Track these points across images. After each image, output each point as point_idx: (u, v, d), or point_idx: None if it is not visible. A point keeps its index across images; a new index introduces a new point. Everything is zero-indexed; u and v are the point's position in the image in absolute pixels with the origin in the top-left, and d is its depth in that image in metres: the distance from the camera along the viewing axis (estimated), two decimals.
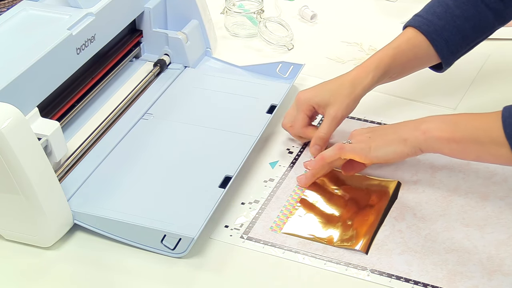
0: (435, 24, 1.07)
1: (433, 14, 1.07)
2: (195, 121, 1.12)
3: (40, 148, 0.90)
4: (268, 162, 1.08)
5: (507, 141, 0.89)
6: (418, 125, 0.96)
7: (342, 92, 1.06)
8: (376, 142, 0.98)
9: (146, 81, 1.20)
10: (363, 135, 1.00)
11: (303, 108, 1.08)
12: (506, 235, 0.95)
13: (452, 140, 0.93)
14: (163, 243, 0.93)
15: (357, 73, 1.07)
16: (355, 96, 1.06)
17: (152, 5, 1.24)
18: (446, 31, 1.06)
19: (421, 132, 0.95)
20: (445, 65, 1.10)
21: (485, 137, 0.91)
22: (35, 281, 0.91)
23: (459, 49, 1.08)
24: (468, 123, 0.93)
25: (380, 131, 1.00)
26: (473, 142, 0.92)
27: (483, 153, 0.93)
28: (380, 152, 0.98)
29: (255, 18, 1.39)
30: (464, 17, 1.07)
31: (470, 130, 0.92)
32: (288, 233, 0.96)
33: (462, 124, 0.93)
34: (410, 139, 0.95)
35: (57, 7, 1.09)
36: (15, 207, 0.91)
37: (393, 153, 0.97)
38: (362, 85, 1.06)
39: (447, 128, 0.93)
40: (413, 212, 0.99)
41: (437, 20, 1.07)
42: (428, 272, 0.90)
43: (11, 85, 0.94)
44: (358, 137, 1.00)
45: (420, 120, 0.97)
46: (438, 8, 1.08)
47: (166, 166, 1.04)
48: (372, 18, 1.46)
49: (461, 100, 1.21)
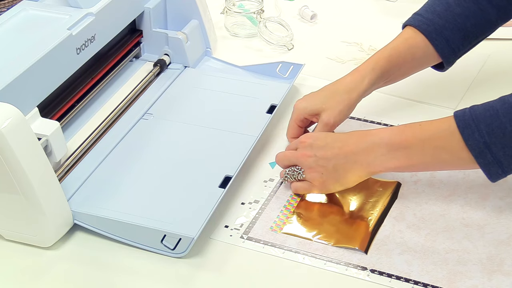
0: (435, 23, 1.06)
1: (433, 12, 1.06)
2: (195, 121, 1.12)
3: (40, 148, 0.90)
4: (268, 162, 1.08)
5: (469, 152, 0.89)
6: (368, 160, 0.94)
7: (335, 98, 1.05)
8: (329, 178, 0.97)
9: (146, 81, 1.20)
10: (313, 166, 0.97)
11: (294, 118, 1.08)
12: (506, 235, 0.95)
13: (411, 165, 0.93)
14: (163, 243, 0.93)
15: (352, 79, 1.06)
16: (349, 102, 1.05)
17: (152, 5, 1.24)
18: (446, 30, 1.05)
19: (377, 169, 0.94)
20: (447, 64, 1.09)
21: (447, 156, 0.91)
22: (35, 281, 0.91)
23: (460, 47, 1.07)
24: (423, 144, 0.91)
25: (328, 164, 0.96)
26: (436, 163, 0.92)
27: (450, 167, 0.94)
28: (337, 189, 0.98)
29: (255, 18, 1.39)
30: (465, 15, 1.06)
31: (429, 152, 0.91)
32: (288, 233, 0.96)
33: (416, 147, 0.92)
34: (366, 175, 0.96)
35: (57, 7, 1.09)
36: (15, 207, 0.91)
37: (352, 182, 0.97)
38: (357, 91, 1.05)
39: (402, 156, 0.92)
40: (413, 212, 0.99)
41: (437, 19, 1.06)
42: (428, 272, 0.90)
43: (11, 85, 0.94)
44: (309, 170, 0.98)
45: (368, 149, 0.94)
46: (438, 7, 1.06)
47: (166, 166, 1.04)
48: (372, 18, 1.46)
49: (461, 100, 1.21)
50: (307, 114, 1.06)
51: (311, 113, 1.06)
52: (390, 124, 1.14)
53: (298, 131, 1.08)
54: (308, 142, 0.98)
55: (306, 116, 1.06)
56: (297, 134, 1.08)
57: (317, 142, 0.98)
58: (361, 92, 1.05)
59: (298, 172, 0.99)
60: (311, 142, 0.98)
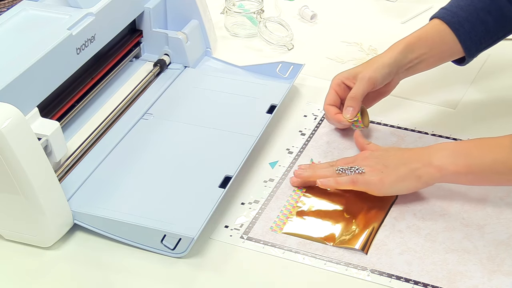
0: (459, 15, 1.09)
1: (457, 6, 1.10)
2: (195, 121, 1.12)
3: (40, 148, 0.90)
4: (268, 162, 1.08)
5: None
6: (430, 159, 0.96)
7: (369, 61, 1.10)
8: (389, 178, 0.97)
9: (146, 81, 1.20)
10: (375, 166, 0.99)
11: (332, 85, 1.11)
12: (506, 235, 0.95)
13: (470, 173, 0.95)
14: (163, 243, 0.93)
15: (383, 54, 1.10)
16: (382, 62, 1.08)
17: (152, 5, 1.24)
18: (468, 22, 1.09)
19: (436, 170, 0.95)
20: (469, 57, 1.12)
21: (504, 169, 0.93)
22: (35, 281, 0.91)
23: (482, 41, 1.10)
24: (483, 154, 0.94)
25: (391, 163, 0.99)
26: (491, 173, 0.94)
27: (504, 181, 0.96)
28: (393, 189, 0.99)
29: (255, 18, 1.39)
30: (486, 10, 1.09)
31: (487, 162, 0.94)
32: (288, 233, 0.96)
33: (476, 155, 0.94)
34: (425, 177, 0.96)
35: (57, 7, 1.09)
36: (15, 207, 0.91)
37: (406, 190, 0.99)
38: (389, 55, 1.09)
39: (462, 162, 0.94)
40: (413, 212, 0.99)
41: (460, 11, 1.09)
42: (428, 272, 0.90)
43: (11, 85, 0.94)
44: (370, 168, 0.99)
45: (430, 151, 0.97)
46: (462, 2, 1.11)
47: (166, 166, 1.04)
48: (372, 18, 1.46)
49: (461, 100, 1.21)
50: (344, 78, 1.10)
51: (348, 76, 1.10)
52: (390, 124, 1.15)
53: (335, 98, 1.11)
54: (371, 148, 1.04)
55: (343, 80, 1.10)
56: (334, 101, 1.11)
57: (376, 152, 1.02)
58: (392, 57, 1.08)
59: (357, 168, 0.99)
60: (373, 148, 1.04)
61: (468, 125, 1.15)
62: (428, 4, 1.47)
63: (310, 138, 1.12)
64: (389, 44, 1.11)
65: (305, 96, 1.22)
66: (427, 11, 1.46)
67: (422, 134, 1.12)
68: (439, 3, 1.12)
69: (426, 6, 1.47)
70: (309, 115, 1.18)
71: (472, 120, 1.17)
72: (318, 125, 1.15)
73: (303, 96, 1.22)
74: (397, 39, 1.11)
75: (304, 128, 1.15)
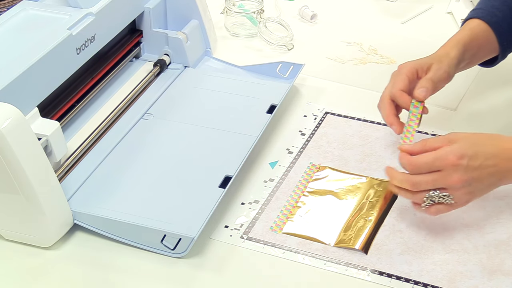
0: (496, 15, 1.08)
1: (492, 7, 1.09)
2: (195, 121, 1.12)
3: (40, 148, 0.90)
4: (268, 162, 1.08)
5: None
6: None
7: (436, 56, 1.05)
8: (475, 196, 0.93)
9: (146, 81, 1.20)
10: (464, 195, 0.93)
11: (405, 71, 1.03)
12: (506, 235, 0.95)
13: None
14: (163, 243, 0.93)
15: (441, 49, 1.07)
16: (450, 58, 1.04)
17: (152, 5, 1.24)
18: (504, 21, 1.08)
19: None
20: (502, 56, 1.10)
21: None
22: (35, 281, 0.91)
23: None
24: None
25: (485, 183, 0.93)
26: None
27: None
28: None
29: (255, 18, 1.39)
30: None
31: None
32: (288, 233, 0.96)
33: None
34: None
35: (57, 7, 1.09)
36: (15, 207, 0.91)
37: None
38: (453, 53, 1.05)
39: None
40: (413, 212, 0.99)
41: (496, 11, 1.08)
42: (428, 272, 0.90)
43: (11, 85, 0.94)
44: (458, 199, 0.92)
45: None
46: (495, 2, 1.09)
47: (166, 166, 1.04)
48: (372, 18, 1.46)
49: (461, 100, 1.21)
50: (418, 66, 1.04)
51: (422, 66, 1.04)
52: None
53: (407, 84, 1.03)
54: (462, 163, 0.90)
55: (417, 68, 1.04)
56: (405, 86, 1.03)
57: (471, 162, 0.91)
58: (456, 56, 1.05)
59: (446, 198, 0.92)
60: (465, 163, 0.91)
61: (468, 126, 1.15)
62: (428, 4, 1.47)
63: (310, 138, 1.12)
64: (389, 44, 1.10)
65: (305, 96, 1.22)
66: (427, 11, 1.46)
67: (422, 135, 1.12)
68: (439, 3, 1.12)
69: (426, 6, 1.47)
70: (309, 115, 1.18)
71: (472, 121, 1.17)
72: (318, 125, 1.15)
73: (303, 96, 1.22)
74: (397, 39, 1.11)
75: (304, 128, 1.15)
